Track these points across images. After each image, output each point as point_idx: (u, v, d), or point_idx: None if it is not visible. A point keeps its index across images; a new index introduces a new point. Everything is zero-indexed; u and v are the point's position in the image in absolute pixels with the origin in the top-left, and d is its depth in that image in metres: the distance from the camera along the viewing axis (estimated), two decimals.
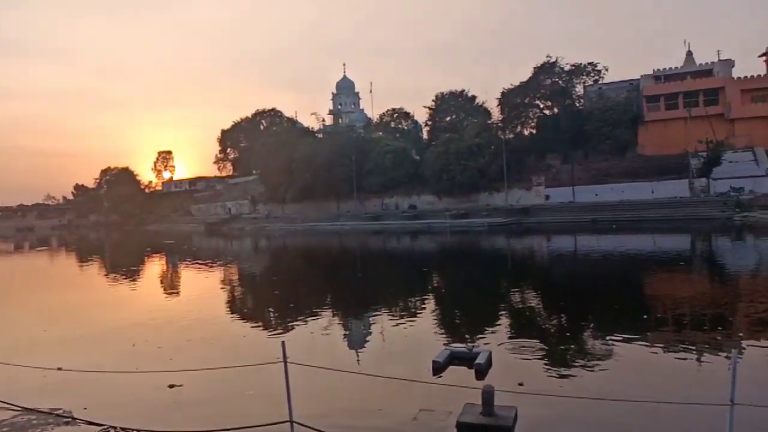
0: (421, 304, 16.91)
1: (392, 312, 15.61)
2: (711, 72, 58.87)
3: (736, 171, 48.54)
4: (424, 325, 13.51)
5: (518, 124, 65.82)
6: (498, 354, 10.20)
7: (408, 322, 13.94)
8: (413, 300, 17.46)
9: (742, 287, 17.50)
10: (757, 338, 11.19)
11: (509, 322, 13.71)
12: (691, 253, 28.04)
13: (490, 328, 12.65)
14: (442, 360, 9.60)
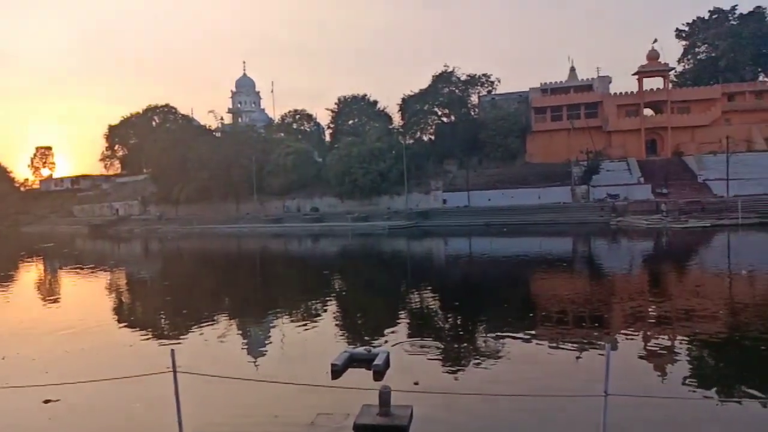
0: (321, 307, 16.83)
1: (292, 316, 15.40)
2: (591, 87, 63.95)
3: (613, 179, 53.11)
4: (325, 329, 13.47)
5: (418, 130, 67.72)
6: (396, 354, 10.39)
7: (308, 325, 13.83)
8: (314, 303, 17.34)
9: (616, 286, 19.16)
10: (630, 332, 12.29)
11: (408, 322, 14.01)
12: (572, 254, 30.26)
13: (389, 329, 12.85)
14: (340, 363, 9.61)
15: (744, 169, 49.41)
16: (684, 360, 10.30)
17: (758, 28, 63.46)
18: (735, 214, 37.96)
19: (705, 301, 15.47)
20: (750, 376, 9.33)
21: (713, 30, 65.65)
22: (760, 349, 10.63)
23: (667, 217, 40.85)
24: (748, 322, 12.74)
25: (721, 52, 64.46)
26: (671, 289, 18.19)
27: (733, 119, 58.28)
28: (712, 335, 11.78)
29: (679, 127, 58.74)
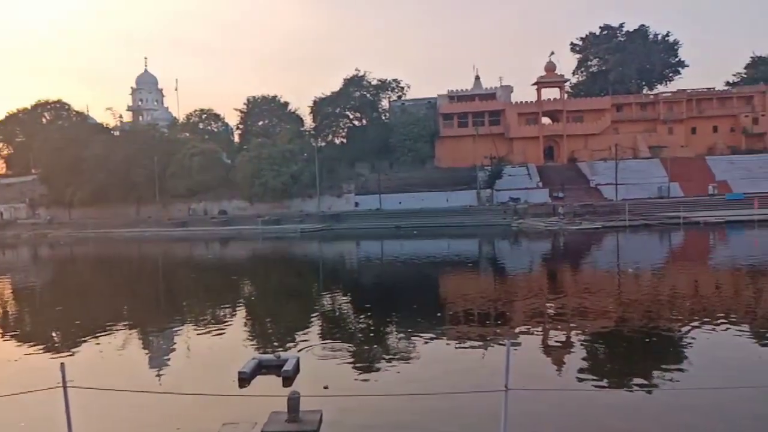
0: (230, 313, 16.33)
1: (198, 323, 14.82)
2: (495, 96, 66.90)
3: (514, 183, 55.86)
4: (233, 336, 13.08)
5: (330, 133, 67.64)
6: (306, 359, 10.29)
7: (215, 333, 13.36)
8: (221, 310, 16.79)
9: (518, 284, 20.17)
10: (531, 328, 12.97)
11: (319, 326, 13.94)
12: (478, 255, 31.49)
13: (300, 333, 12.71)
14: (248, 370, 9.37)
15: (630, 175, 53.78)
16: (579, 353, 11.03)
17: (642, 44, 69.30)
18: (623, 216, 41.15)
19: (597, 297, 16.65)
20: (636, 365, 10.16)
21: (603, 45, 70.85)
22: (644, 341, 11.60)
23: (563, 219, 43.53)
24: (634, 316, 13.86)
25: (610, 65, 69.71)
26: (567, 287, 19.42)
27: (621, 128, 63.21)
28: (603, 329, 12.71)
29: (573, 135, 62.82)
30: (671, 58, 70.86)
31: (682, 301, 15.63)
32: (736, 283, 18.73)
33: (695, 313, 13.75)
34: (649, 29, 70.52)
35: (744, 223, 38.31)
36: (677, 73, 71.58)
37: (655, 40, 70.17)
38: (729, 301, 15.72)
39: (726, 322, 12.41)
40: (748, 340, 11.32)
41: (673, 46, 70.58)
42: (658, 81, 71.40)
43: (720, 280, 19.68)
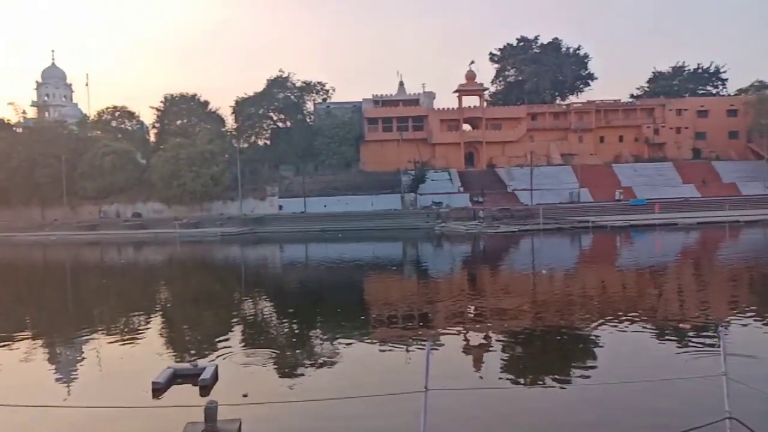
0: (144, 321, 15.57)
1: (110, 333, 14.01)
2: (418, 102, 68.17)
3: (437, 188, 57.17)
4: (147, 345, 12.47)
5: (253, 134, 66.21)
6: (225, 367, 10.00)
7: (128, 342, 12.69)
8: (135, 318, 15.97)
9: (440, 286, 20.63)
10: (452, 329, 13.28)
11: (240, 332, 13.59)
12: (402, 258, 31.92)
13: (220, 340, 12.33)
14: (163, 380, 8.97)
15: (544, 181, 56.46)
16: (497, 352, 11.42)
17: (556, 56, 73.01)
18: (538, 220, 43.12)
19: (514, 298, 17.34)
20: (551, 362, 10.66)
21: (520, 56, 74.02)
22: (556, 339, 12.20)
23: (483, 223, 45.00)
24: (548, 315, 14.54)
25: (526, 76, 72.91)
26: (486, 288, 20.08)
27: (536, 136, 66.26)
28: (520, 328, 13.24)
29: (492, 142, 65.15)
30: (582, 71, 75.09)
31: (591, 301, 16.58)
32: (639, 283, 20.10)
33: (603, 311, 14.61)
34: (561, 42, 74.41)
35: (646, 226, 41.21)
36: (587, 85, 75.97)
37: (567, 53, 74.11)
38: (633, 299, 16.84)
39: (630, 320, 13.29)
40: (649, 336, 12.17)
41: (584, 59, 74.85)
42: (570, 92, 75.43)
43: (625, 280, 21.06)
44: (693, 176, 58.85)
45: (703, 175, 59.11)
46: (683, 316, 14.02)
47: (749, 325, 12.71)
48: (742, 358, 9.62)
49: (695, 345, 10.90)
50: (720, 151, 65.18)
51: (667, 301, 16.34)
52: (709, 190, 55.92)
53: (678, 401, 7.83)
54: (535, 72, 71.25)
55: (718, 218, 42.18)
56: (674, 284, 19.86)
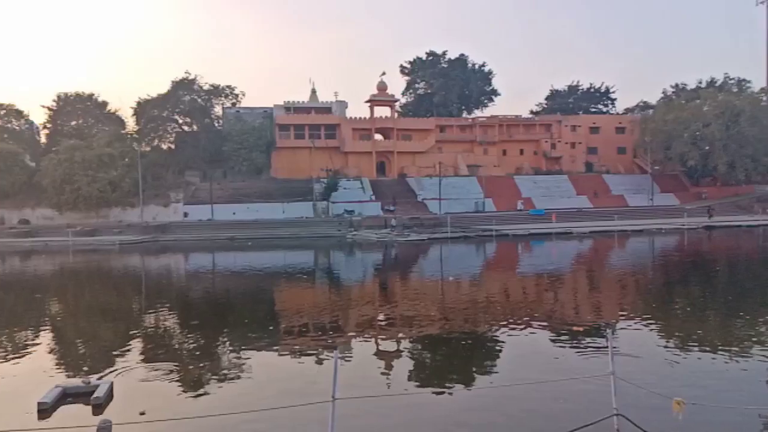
0: (31, 337, 14.31)
1: None
2: (331, 110, 68.24)
3: (349, 196, 57.39)
4: (34, 363, 11.49)
5: (156, 138, 63.10)
6: (122, 383, 9.44)
7: (11, 360, 11.63)
8: (19, 334, 14.65)
9: (352, 294, 20.69)
10: (361, 337, 13.35)
11: (140, 347, 12.87)
12: (314, 267, 31.68)
13: (117, 356, 11.61)
14: (50, 400, 8.31)
15: (452, 191, 58.43)
16: (407, 359, 11.63)
17: (462, 72, 75.92)
18: (446, 228, 44.43)
19: (423, 304, 17.74)
20: (457, 366, 11.00)
21: (429, 70, 76.27)
22: (461, 344, 12.62)
23: (394, 231, 45.71)
24: (455, 320, 15.01)
25: (435, 89, 75.20)
26: (397, 296, 20.39)
27: (444, 147, 68.38)
28: (428, 335, 13.56)
29: (403, 152, 66.48)
30: (486, 87, 78.62)
31: (494, 306, 17.32)
32: (538, 288, 21.27)
33: (505, 316, 15.31)
34: (468, 58, 77.53)
35: (545, 235, 43.69)
36: (491, 101, 79.61)
37: (473, 69, 77.34)
38: (532, 304, 17.80)
39: (529, 324, 14.03)
40: (546, 339, 12.90)
41: (488, 76, 78.42)
42: (476, 106, 78.67)
43: (525, 285, 22.21)
44: (586, 188, 63.24)
45: (595, 187, 63.70)
46: (577, 319, 15.01)
47: (635, 326, 13.83)
48: (628, 357, 10.46)
49: (587, 346, 11.69)
50: (610, 165, 70.62)
51: (562, 305, 17.41)
52: (600, 201, 60.33)
53: (571, 400, 8.36)
54: (444, 86, 73.68)
55: (608, 227, 45.59)
56: (569, 289, 21.20)
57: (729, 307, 16.24)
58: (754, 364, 10.50)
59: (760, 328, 13.58)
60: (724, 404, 7.72)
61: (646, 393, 7.39)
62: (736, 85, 69.52)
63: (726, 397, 8.41)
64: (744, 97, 64.00)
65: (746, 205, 59.04)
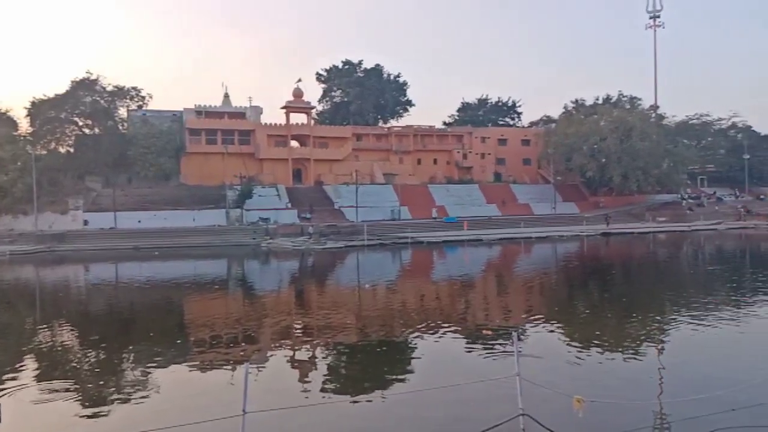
0: None
1: None
2: (245, 115, 66.76)
3: (264, 204, 56.25)
4: None
5: (53, 140, 58.73)
6: (11, 405, 8.69)
7: None
8: None
9: (267, 304, 20.28)
10: (277, 348, 13.12)
11: (33, 365, 11.89)
12: (227, 276, 30.74)
13: (5, 375, 10.66)
14: None
15: (368, 199, 58.87)
16: (323, 368, 11.57)
17: (378, 81, 77.00)
18: (362, 236, 44.69)
19: (340, 312, 17.73)
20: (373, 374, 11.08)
21: (345, 78, 76.71)
22: (376, 350, 12.75)
23: (311, 239, 45.35)
24: (371, 327, 15.12)
25: (351, 98, 75.71)
26: (313, 304, 20.24)
27: (361, 156, 68.89)
28: (345, 342, 13.56)
29: (320, 160, 66.25)
30: (401, 97, 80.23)
31: (409, 312, 17.62)
32: (451, 294, 21.90)
33: (420, 321, 15.62)
34: (383, 69, 78.76)
35: (457, 242, 45.08)
36: (406, 111, 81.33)
37: (389, 79, 78.68)
38: (446, 309, 18.29)
39: (443, 328, 14.41)
40: (458, 343, 13.32)
41: (403, 86, 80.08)
42: (391, 116, 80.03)
43: (439, 291, 22.79)
44: (495, 197, 66.00)
45: (503, 196, 66.63)
46: (487, 322, 15.61)
47: (540, 328, 14.58)
48: (533, 359, 11.01)
49: (496, 349, 12.19)
50: (516, 175, 74.19)
51: (473, 310, 18.05)
52: (508, 209, 63.15)
53: (480, 403, 8.67)
54: (360, 95, 74.37)
55: (515, 234, 47.84)
56: (480, 294, 22.01)
57: (624, 308, 17.53)
58: (646, 362, 11.42)
59: (651, 327, 14.78)
60: (620, 400, 8.33)
61: (550, 392, 7.81)
62: (628, 102, 75.47)
63: (622, 393, 9.07)
64: (636, 114, 69.58)
65: (638, 213, 64.10)
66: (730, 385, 8.42)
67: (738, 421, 7.54)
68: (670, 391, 9.22)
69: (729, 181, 78.34)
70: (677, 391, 8.98)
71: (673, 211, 64.22)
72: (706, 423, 7.49)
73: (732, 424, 7.50)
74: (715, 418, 7.58)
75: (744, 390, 8.20)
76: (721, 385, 8.57)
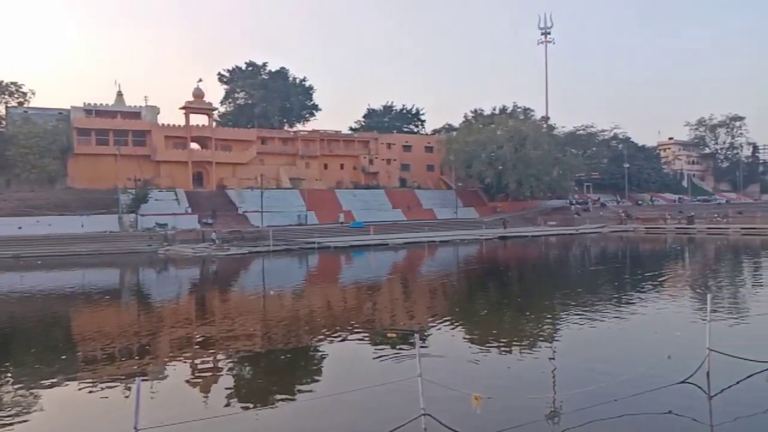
0: None
1: None
2: (140, 115, 63.28)
3: (161, 208, 53.53)
4: None
5: None
6: None
7: None
8: None
9: (165, 314, 19.29)
10: (175, 360, 12.53)
11: None
12: (120, 286, 28.91)
13: None
14: None
15: (274, 203, 57.92)
16: (226, 378, 11.20)
17: (284, 85, 76.03)
18: (268, 242, 43.79)
19: (243, 320, 17.25)
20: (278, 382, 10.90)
21: (249, 80, 75.02)
22: (281, 358, 12.56)
23: (213, 245, 43.77)
24: (277, 334, 14.86)
25: (255, 100, 74.14)
26: (215, 312, 19.54)
27: (266, 160, 67.61)
28: (249, 351, 13.23)
29: (222, 163, 64.17)
30: (307, 101, 79.81)
31: (316, 317, 17.52)
32: (358, 298, 22.03)
33: (326, 326, 15.59)
34: (289, 72, 77.94)
35: (364, 246, 45.43)
36: (313, 115, 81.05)
37: (294, 82, 77.96)
38: (352, 313, 18.38)
39: (349, 332, 14.48)
40: (364, 346, 13.44)
41: (309, 91, 79.71)
42: (297, 120, 79.36)
43: (346, 295, 22.86)
44: (400, 202, 67.36)
45: (408, 201, 68.16)
46: (393, 324, 15.88)
47: (442, 329, 15.06)
48: (436, 359, 11.36)
49: (401, 351, 12.43)
50: (420, 181, 76.21)
51: (379, 313, 18.29)
52: (413, 214, 64.66)
53: (384, 404, 8.80)
54: (264, 97, 73.09)
55: (419, 239, 49.04)
56: (386, 297, 22.34)
57: (519, 307, 18.53)
58: (540, 357, 12.16)
59: (543, 324, 15.75)
60: (516, 395, 8.81)
61: (451, 391, 8.10)
62: (522, 113, 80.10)
63: (518, 388, 9.59)
64: (529, 124, 73.95)
65: (532, 217, 68.10)
66: (612, 378, 9.17)
67: (619, 411, 8.22)
68: (561, 385, 9.87)
69: (611, 188, 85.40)
70: (567, 385, 9.63)
71: (563, 215, 68.86)
72: (591, 414, 8.10)
73: (614, 414, 8.16)
74: (599, 409, 8.22)
75: (624, 382, 8.96)
76: (605, 378, 9.31)
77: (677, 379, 9.17)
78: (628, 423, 7.92)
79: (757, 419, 7.89)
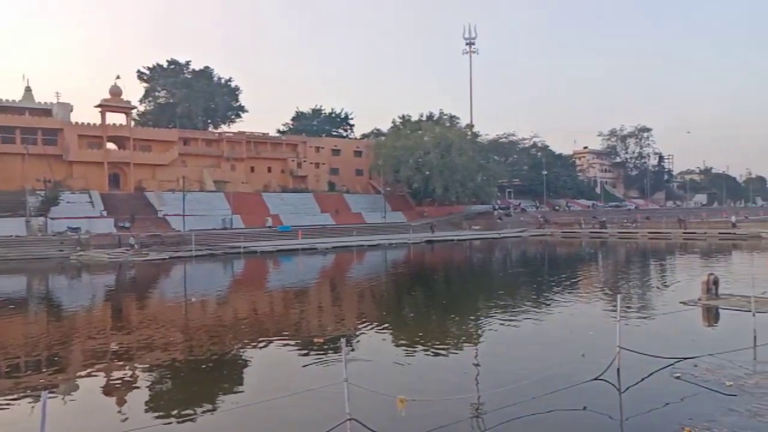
0: None
1: None
2: (51, 112, 59.40)
3: (74, 211, 50.38)
4: None
5: None
6: None
7: None
8: None
9: (77, 324, 18.14)
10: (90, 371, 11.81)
11: None
12: (26, 294, 26.93)
13: None
14: None
15: (197, 207, 56.00)
16: (144, 390, 10.66)
17: (208, 84, 73.82)
18: (190, 246, 42.27)
19: (163, 328, 16.54)
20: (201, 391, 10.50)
21: (171, 79, 72.27)
22: (203, 366, 12.15)
23: (130, 250, 41.72)
24: (199, 342, 14.34)
25: (178, 99, 71.52)
26: (132, 321, 18.61)
27: (188, 161, 65.30)
28: (169, 360, 12.68)
29: (141, 164, 61.32)
30: (233, 102, 77.95)
31: (241, 324, 17.09)
32: (285, 303, 21.70)
33: (252, 333, 15.24)
34: (213, 72, 75.80)
35: (292, 251, 44.82)
36: (239, 116, 79.20)
37: (220, 83, 75.92)
38: (279, 319, 18.08)
39: (276, 339, 14.22)
40: (291, 352, 13.24)
41: (235, 92, 77.87)
42: (222, 121, 77.30)
43: (273, 301, 22.45)
44: (329, 206, 67.06)
45: (337, 205, 67.99)
46: (320, 330, 15.75)
47: (370, 332, 15.11)
48: (363, 363, 11.38)
49: (327, 356, 12.35)
50: (349, 185, 76.30)
51: (307, 318, 18.09)
52: (341, 218, 64.54)
53: (310, 410, 8.70)
54: (187, 97, 70.72)
55: (348, 243, 49.04)
56: (314, 302, 22.15)
57: (444, 309, 18.92)
58: (464, 358, 12.45)
59: (467, 326, 16.16)
60: (441, 396, 8.96)
61: (377, 395, 8.13)
62: (448, 120, 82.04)
63: (443, 389, 9.76)
64: (454, 131, 75.87)
65: (457, 222, 69.78)
66: (531, 377, 9.54)
67: (538, 408, 8.56)
68: (484, 384, 10.15)
69: (531, 194, 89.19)
70: (489, 384, 9.92)
71: (486, 220, 71.07)
72: (512, 412, 8.39)
73: (533, 411, 8.49)
74: (519, 408, 8.52)
75: (542, 380, 9.34)
76: (524, 377, 9.67)
77: (591, 376, 9.67)
78: (546, 420, 8.26)
79: (663, 411, 8.46)
